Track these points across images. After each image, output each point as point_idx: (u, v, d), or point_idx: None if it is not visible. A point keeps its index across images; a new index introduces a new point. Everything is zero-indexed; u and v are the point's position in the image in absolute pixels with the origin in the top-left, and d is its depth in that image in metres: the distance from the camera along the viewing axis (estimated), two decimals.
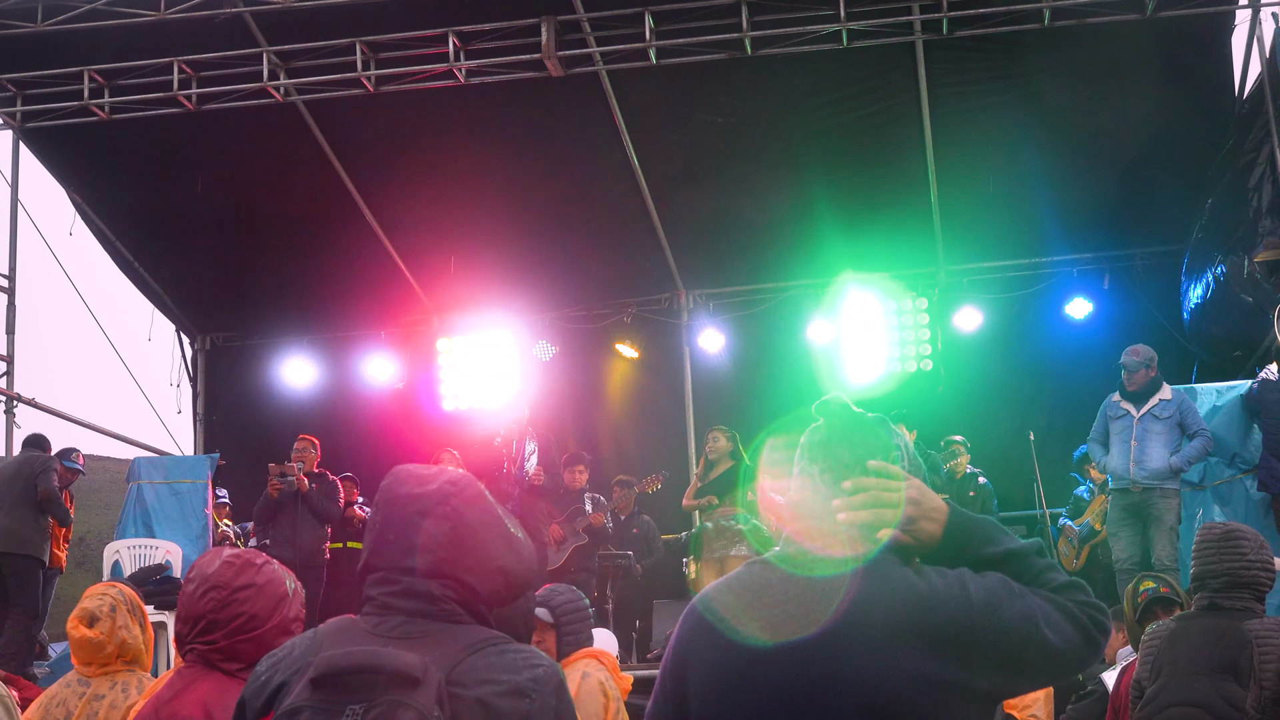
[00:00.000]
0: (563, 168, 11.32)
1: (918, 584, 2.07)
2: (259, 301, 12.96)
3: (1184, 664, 4.38)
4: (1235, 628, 4.32)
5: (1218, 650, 4.33)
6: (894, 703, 1.99)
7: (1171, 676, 4.39)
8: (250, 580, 2.81)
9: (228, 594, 2.80)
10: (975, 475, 10.37)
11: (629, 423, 12.71)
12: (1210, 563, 4.44)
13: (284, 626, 2.83)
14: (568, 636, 4.64)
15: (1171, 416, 8.40)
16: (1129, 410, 8.55)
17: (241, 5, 9.44)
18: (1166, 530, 8.20)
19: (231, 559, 2.85)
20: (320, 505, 9.98)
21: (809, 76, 10.30)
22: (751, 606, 2.14)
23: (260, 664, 2.11)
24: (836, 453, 2.20)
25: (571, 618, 4.68)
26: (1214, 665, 4.31)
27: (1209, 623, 4.41)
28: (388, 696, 1.87)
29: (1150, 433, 8.41)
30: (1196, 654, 4.37)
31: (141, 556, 10.05)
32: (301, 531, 9.83)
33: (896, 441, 2.25)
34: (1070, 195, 11.03)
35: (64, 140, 11.14)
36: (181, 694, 2.76)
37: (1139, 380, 8.54)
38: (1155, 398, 8.46)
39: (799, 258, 11.89)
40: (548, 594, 4.71)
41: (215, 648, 2.78)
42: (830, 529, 2.14)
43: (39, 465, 9.65)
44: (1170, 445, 8.33)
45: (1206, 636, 4.38)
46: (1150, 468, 8.32)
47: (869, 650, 2.01)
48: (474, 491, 2.10)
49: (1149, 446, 8.37)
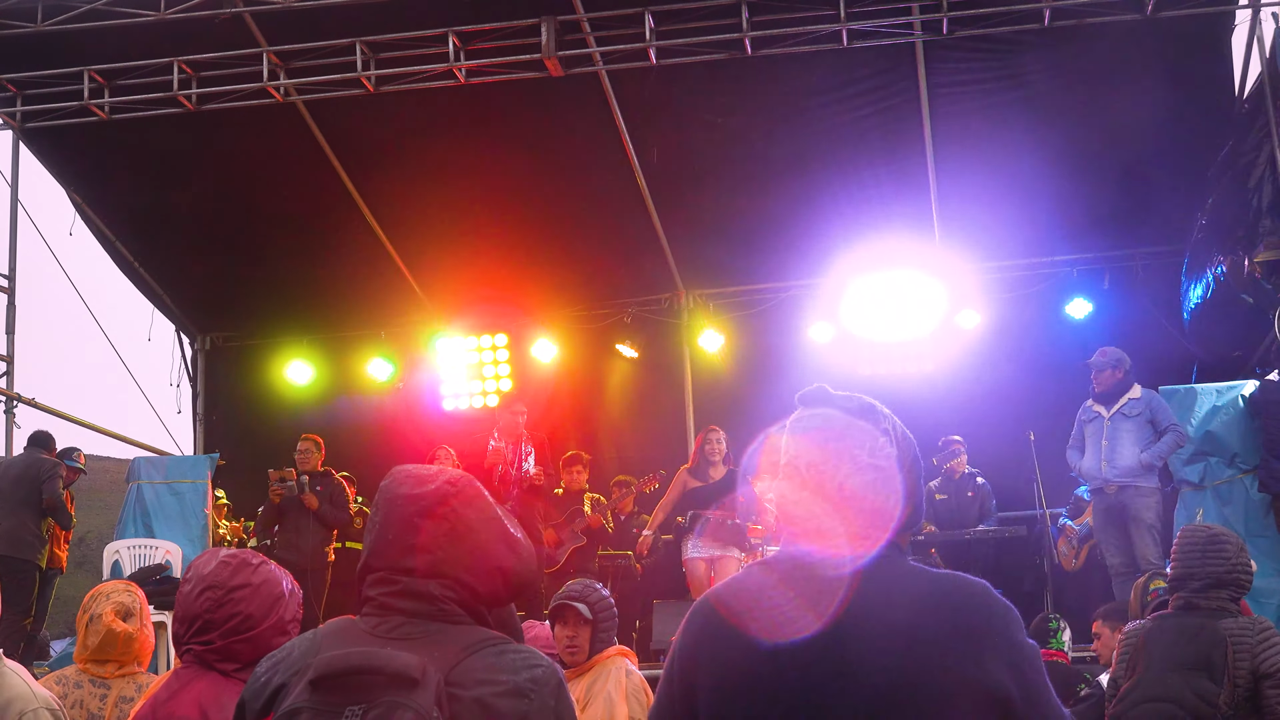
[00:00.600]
0: (563, 168, 11.32)
1: (926, 577, 2.07)
2: (259, 301, 12.96)
3: (1159, 661, 4.42)
4: (1210, 625, 4.37)
5: (1192, 647, 4.37)
6: (904, 696, 1.98)
7: (1147, 672, 4.44)
8: (246, 580, 2.80)
9: (223, 594, 2.78)
10: (974, 475, 10.37)
11: (629, 423, 12.71)
12: (1194, 565, 4.48)
13: (280, 627, 2.81)
14: (602, 633, 4.72)
15: (1141, 414, 8.43)
16: (1100, 412, 8.63)
17: (241, 5, 9.43)
18: (1146, 529, 8.20)
19: (228, 559, 2.84)
20: (329, 514, 10.02)
21: (809, 76, 10.30)
22: (756, 607, 2.11)
23: (260, 665, 2.11)
24: (824, 445, 2.14)
25: (606, 614, 4.77)
26: (1188, 662, 4.34)
27: (1184, 621, 4.46)
28: (387, 697, 1.87)
29: (1120, 431, 8.46)
30: (1171, 651, 4.41)
31: (141, 556, 10.05)
32: (305, 534, 9.85)
33: (885, 426, 2.17)
34: (1070, 195, 11.02)
35: (64, 140, 11.14)
36: (178, 694, 2.75)
37: (1106, 380, 8.60)
38: (1125, 397, 8.51)
39: (799, 258, 11.89)
40: (583, 590, 4.77)
41: (211, 648, 2.77)
42: (827, 525, 2.11)
43: (45, 471, 9.64)
44: (1141, 443, 8.35)
45: (1181, 634, 4.43)
46: (1120, 465, 8.35)
47: (880, 644, 2.00)
48: (473, 491, 2.10)
49: (1119, 445, 8.41)
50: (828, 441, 2.15)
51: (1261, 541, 8.61)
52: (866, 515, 2.11)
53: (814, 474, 2.13)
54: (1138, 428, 8.41)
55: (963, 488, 10.25)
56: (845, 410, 2.20)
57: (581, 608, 4.63)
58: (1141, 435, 8.38)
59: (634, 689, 4.68)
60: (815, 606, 2.05)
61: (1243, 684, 4.21)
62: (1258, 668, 4.22)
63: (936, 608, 2.02)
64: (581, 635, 4.64)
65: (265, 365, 13.14)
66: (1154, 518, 8.21)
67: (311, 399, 12.87)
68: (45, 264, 11.94)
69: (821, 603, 2.05)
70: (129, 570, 9.88)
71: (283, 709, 1.94)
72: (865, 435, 2.15)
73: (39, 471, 9.63)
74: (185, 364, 13.45)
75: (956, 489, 10.21)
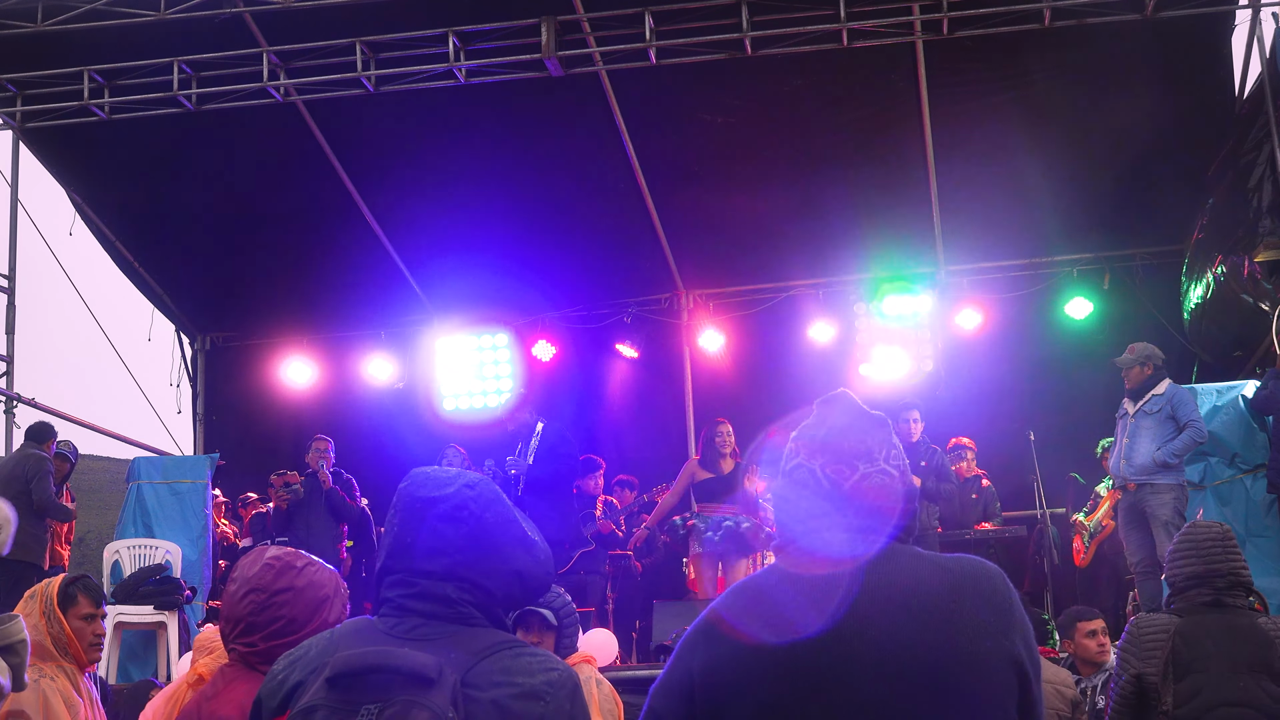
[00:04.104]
0: (563, 168, 11.32)
1: (941, 560, 2.13)
2: (259, 301, 12.96)
3: (1217, 662, 4.25)
4: (1253, 625, 4.26)
5: (1248, 647, 4.24)
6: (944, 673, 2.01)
7: (1207, 674, 4.25)
8: (289, 584, 2.78)
9: (266, 597, 2.76)
10: (978, 478, 10.36)
11: (629, 423, 12.71)
12: (1217, 562, 4.35)
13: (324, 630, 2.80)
14: (565, 639, 4.65)
15: (1161, 410, 8.33)
16: (1127, 409, 8.56)
17: (241, 5, 9.43)
18: (1163, 526, 8.12)
19: (272, 560, 2.82)
20: (340, 504, 10.00)
21: (809, 76, 10.30)
22: (764, 608, 2.12)
23: (277, 663, 2.12)
24: (840, 449, 2.19)
25: (570, 620, 4.70)
26: (1249, 663, 4.21)
27: (1224, 619, 4.32)
28: (403, 696, 1.88)
29: (1140, 429, 8.37)
30: (1227, 652, 4.25)
31: (141, 556, 10.04)
32: (315, 535, 9.82)
33: (895, 440, 2.26)
34: (1070, 195, 11.04)
35: (64, 140, 11.13)
36: (221, 693, 2.76)
37: (1134, 377, 8.54)
38: (1150, 394, 8.44)
39: (799, 258, 11.90)
40: (548, 596, 4.70)
41: (255, 650, 2.77)
42: (834, 524, 2.14)
43: (32, 470, 9.50)
44: (1159, 440, 8.24)
45: (1230, 634, 4.28)
46: (1137, 464, 8.28)
47: (913, 625, 2.03)
48: (491, 494, 2.11)
49: (1137, 443, 8.34)
50: (843, 442, 2.20)
51: (1262, 541, 8.61)
52: (876, 513, 2.16)
53: (829, 472, 2.18)
54: (1157, 424, 8.31)
55: (967, 489, 10.24)
56: (863, 416, 2.25)
57: (547, 614, 4.56)
58: (1161, 432, 8.28)
59: (604, 698, 4.63)
60: (829, 597, 2.07)
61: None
62: None
63: (964, 584, 2.08)
64: (546, 641, 4.56)
65: (265, 365, 13.13)
66: (1171, 514, 8.08)
67: (311, 399, 12.86)
68: (45, 264, 11.95)
69: (834, 594, 2.07)
70: (129, 570, 9.87)
71: (299, 706, 1.95)
72: (879, 440, 2.22)
73: (25, 470, 9.50)
74: (185, 364, 13.44)
75: (961, 490, 10.21)
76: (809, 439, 2.23)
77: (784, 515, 2.22)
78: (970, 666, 2.03)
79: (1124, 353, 8.62)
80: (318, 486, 10.01)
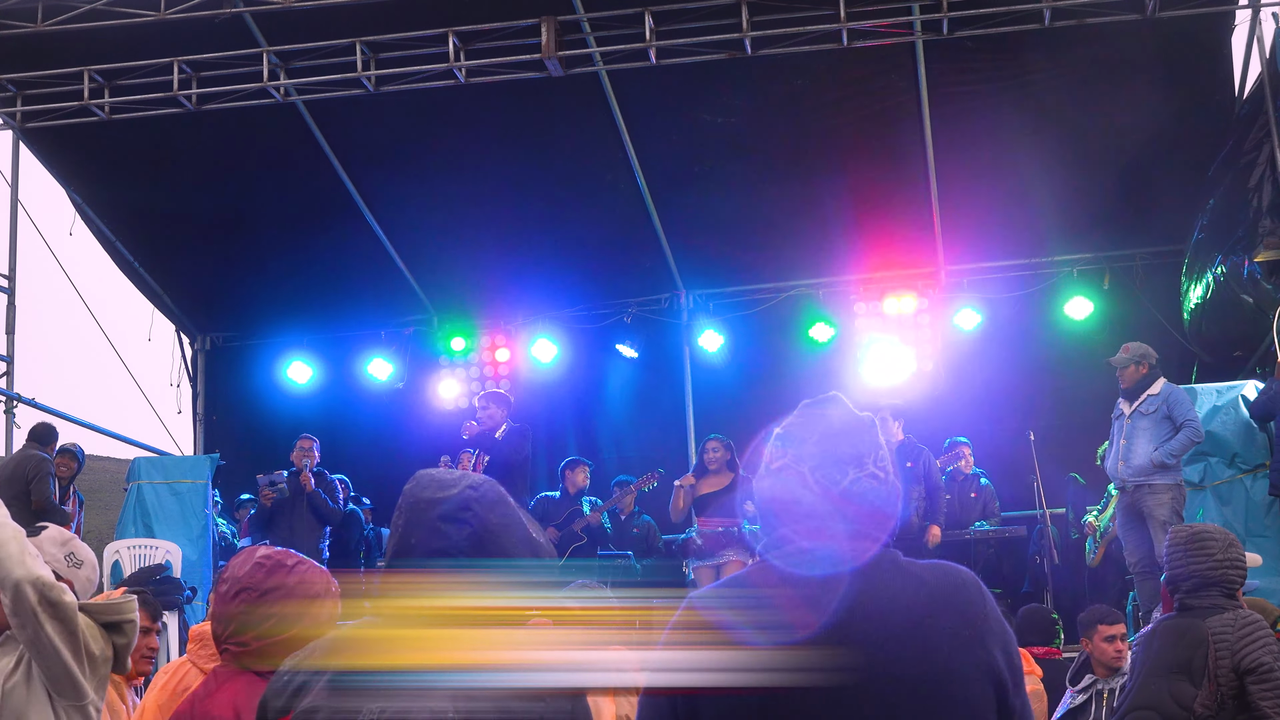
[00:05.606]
0: (563, 168, 11.32)
1: (919, 569, 2.12)
2: (259, 301, 12.96)
3: (1148, 666, 4.38)
4: (1196, 626, 4.30)
5: (1175, 650, 4.31)
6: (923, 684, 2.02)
7: (1136, 679, 4.40)
8: (280, 583, 2.79)
9: (256, 596, 2.77)
10: (977, 476, 10.37)
11: (629, 423, 12.71)
12: (1178, 566, 4.42)
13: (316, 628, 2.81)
14: None
15: (1158, 410, 8.30)
16: (1123, 409, 8.54)
17: (241, 5, 9.44)
18: (1160, 526, 8.10)
19: (262, 560, 2.83)
20: (322, 506, 10.01)
21: (809, 76, 10.30)
22: (752, 607, 2.11)
23: (283, 664, 2.12)
24: (830, 454, 2.17)
25: None
26: (1171, 666, 4.30)
27: (1175, 623, 4.41)
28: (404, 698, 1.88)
29: (1137, 429, 8.35)
30: (1160, 656, 4.37)
31: (141, 556, 10.04)
32: (299, 533, 9.84)
33: (882, 442, 2.25)
34: (1070, 195, 11.03)
35: (64, 140, 11.13)
36: (214, 693, 2.77)
37: (1129, 377, 8.52)
38: (1145, 394, 8.42)
39: (799, 258, 11.90)
40: None
41: (247, 649, 2.78)
42: (820, 530, 2.14)
43: (33, 470, 9.50)
44: (1156, 440, 8.22)
45: (1169, 637, 4.38)
46: (1134, 464, 8.25)
47: (892, 636, 2.03)
48: (496, 495, 2.12)
49: (1135, 443, 8.31)
50: (835, 446, 2.19)
51: (1262, 541, 8.60)
52: (867, 517, 2.15)
53: (819, 475, 2.17)
54: (1153, 425, 8.29)
55: (966, 488, 10.25)
56: (854, 421, 2.24)
57: None
58: (1157, 432, 8.26)
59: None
60: (816, 605, 2.06)
61: (1225, 683, 4.13)
62: (1239, 664, 4.13)
63: (938, 597, 2.08)
64: None
65: (265, 365, 13.14)
66: (1169, 514, 8.07)
67: (311, 399, 12.86)
68: (45, 264, 11.98)
69: (823, 601, 2.06)
70: (129, 570, 9.86)
71: (301, 708, 1.96)
72: (869, 444, 2.21)
73: (25, 470, 9.50)
74: (185, 364, 13.45)
75: (960, 489, 10.22)
76: (798, 441, 2.21)
77: (771, 516, 2.21)
78: (947, 680, 2.03)
79: (1118, 352, 8.61)
80: (301, 486, 10.03)
